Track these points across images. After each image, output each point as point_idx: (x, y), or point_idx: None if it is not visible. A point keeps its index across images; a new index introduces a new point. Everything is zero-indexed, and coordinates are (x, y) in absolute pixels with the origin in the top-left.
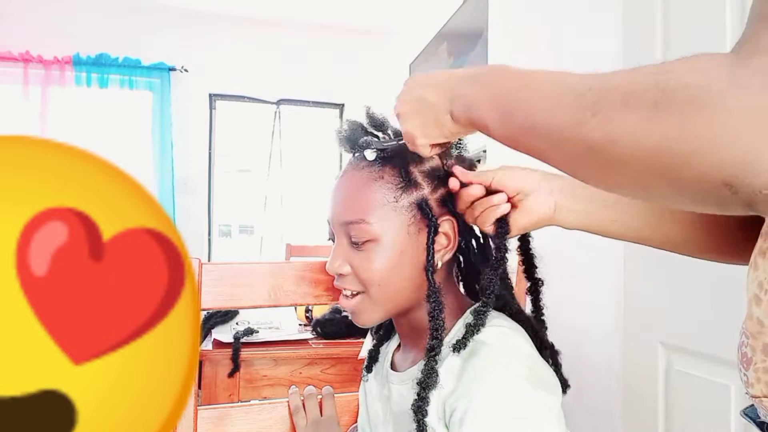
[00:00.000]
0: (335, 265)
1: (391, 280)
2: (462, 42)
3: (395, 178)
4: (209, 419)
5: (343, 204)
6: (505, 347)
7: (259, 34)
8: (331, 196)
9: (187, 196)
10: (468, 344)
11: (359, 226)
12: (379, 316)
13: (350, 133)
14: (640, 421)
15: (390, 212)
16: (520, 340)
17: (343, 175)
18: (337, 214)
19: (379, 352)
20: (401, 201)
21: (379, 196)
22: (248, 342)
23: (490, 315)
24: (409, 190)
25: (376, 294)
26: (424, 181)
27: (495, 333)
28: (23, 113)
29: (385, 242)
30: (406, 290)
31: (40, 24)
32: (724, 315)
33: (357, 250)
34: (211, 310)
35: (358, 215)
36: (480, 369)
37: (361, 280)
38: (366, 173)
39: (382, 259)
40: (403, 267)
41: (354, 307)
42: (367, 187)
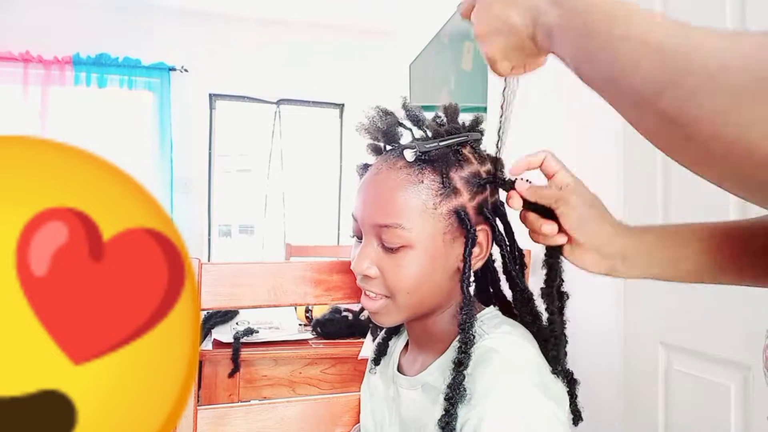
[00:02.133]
0: (363, 266)
1: (420, 288)
2: (462, 42)
3: (435, 184)
4: (209, 419)
5: (377, 205)
6: (518, 357)
7: (259, 34)
8: (361, 192)
9: (187, 196)
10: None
11: (394, 230)
12: (400, 319)
13: (387, 127)
14: (640, 421)
15: (428, 219)
16: (530, 348)
17: (377, 173)
18: (369, 215)
19: (388, 346)
20: (440, 208)
21: (418, 201)
22: (248, 342)
23: (499, 321)
24: (449, 197)
25: (402, 300)
26: (463, 187)
27: (506, 341)
28: (23, 113)
29: (419, 249)
30: (433, 297)
31: (40, 24)
32: (724, 315)
33: (388, 254)
34: (211, 310)
35: (393, 219)
36: (492, 379)
37: (388, 285)
38: (404, 175)
39: (414, 266)
40: (433, 275)
41: (377, 309)
42: (404, 190)
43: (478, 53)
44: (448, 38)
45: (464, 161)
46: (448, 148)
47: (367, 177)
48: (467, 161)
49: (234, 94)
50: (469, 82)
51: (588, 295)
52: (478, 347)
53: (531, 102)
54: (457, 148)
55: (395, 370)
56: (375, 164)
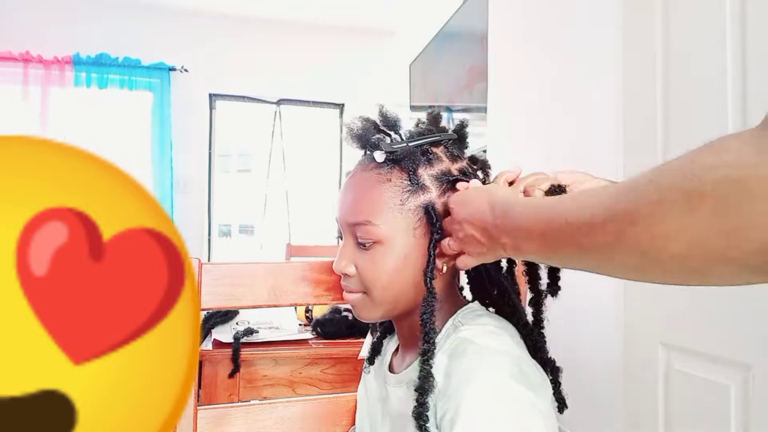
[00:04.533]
0: (341, 265)
1: (394, 283)
2: (462, 42)
3: (403, 181)
4: (209, 419)
5: (351, 205)
6: (493, 346)
7: (259, 34)
8: (340, 195)
9: (187, 196)
10: (452, 342)
11: (365, 227)
12: (379, 314)
13: (362, 131)
14: (640, 421)
15: (396, 215)
16: (507, 339)
17: (353, 176)
18: (344, 215)
19: (381, 345)
20: (407, 204)
21: (386, 198)
22: (248, 342)
23: (477, 313)
24: (417, 193)
25: (377, 295)
26: (432, 184)
27: (482, 332)
28: (23, 113)
29: (390, 244)
30: (409, 293)
31: (40, 24)
32: (724, 315)
33: (363, 251)
34: (211, 310)
35: (364, 217)
36: (469, 369)
37: (363, 280)
38: (374, 174)
39: (387, 262)
40: (407, 270)
41: (354, 302)
42: (374, 188)
43: None
44: (449, 38)
45: (434, 159)
46: (417, 147)
47: (345, 180)
48: (438, 159)
49: (234, 94)
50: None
51: (588, 295)
52: (455, 339)
53: (531, 102)
54: (427, 147)
55: (386, 369)
56: (353, 168)
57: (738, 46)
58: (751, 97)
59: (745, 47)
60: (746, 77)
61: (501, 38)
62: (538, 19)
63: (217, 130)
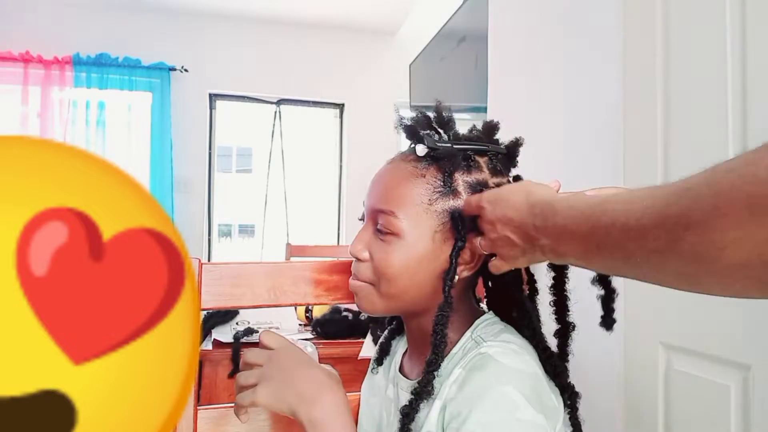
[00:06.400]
0: (356, 248)
1: (401, 279)
2: (461, 42)
3: (437, 181)
4: (209, 419)
5: (379, 191)
6: (513, 366)
7: (259, 33)
8: (373, 178)
9: (187, 196)
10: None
11: (388, 217)
12: (380, 308)
13: (414, 122)
14: (640, 421)
15: (421, 213)
16: (528, 358)
17: (391, 162)
18: (372, 199)
19: (390, 345)
20: (435, 205)
21: (415, 193)
22: (248, 342)
23: (497, 327)
24: (447, 197)
25: (384, 288)
26: (465, 191)
27: (505, 350)
28: (23, 113)
29: (407, 240)
30: (414, 293)
31: (40, 24)
32: (724, 315)
33: (379, 240)
34: (211, 310)
35: (389, 206)
36: (484, 384)
37: (374, 269)
38: (410, 167)
39: (399, 256)
40: (417, 270)
41: (358, 289)
42: (406, 180)
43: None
44: (449, 38)
45: (474, 168)
46: (460, 151)
47: (382, 166)
48: (478, 168)
49: (234, 94)
50: (470, 82)
51: (588, 295)
52: (476, 354)
53: (531, 102)
54: (471, 154)
55: (397, 371)
56: (394, 156)
57: (738, 46)
58: (751, 97)
59: (745, 47)
60: (746, 77)
61: (501, 38)
62: (538, 19)
63: (217, 130)
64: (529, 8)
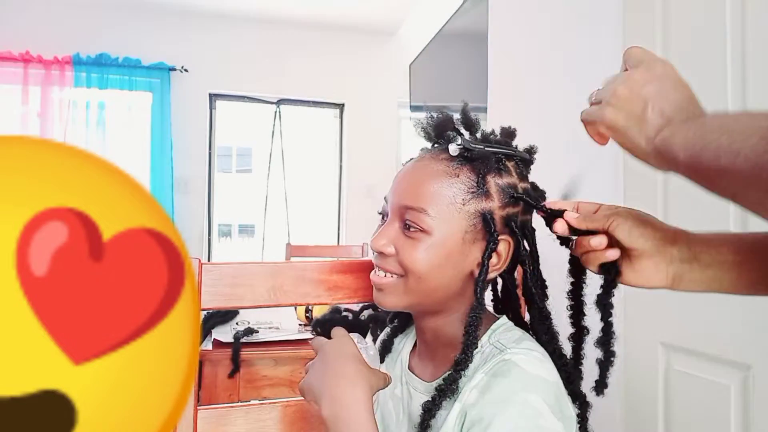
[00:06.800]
0: (380, 243)
1: (429, 276)
2: (461, 42)
3: (470, 181)
4: (209, 419)
5: (409, 188)
6: (538, 374)
7: (259, 33)
8: (398, 176)
9: (187, 196)
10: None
11: (418, 214)
12: (404, 304)
13: (440, 122)
14: (640, 421)
15: (453, 212)
16: (550, 366)
17: (419, 160)
18: (399, 196)
19: (392, 343)
20: (468, 206)
21: (448, 192)
22: (248, 342)
23: (519, 336)
24: (479, 198)
25: (413, 283)
26: (496, 194)
27: (530, 358)
28: (23, 113)
29: (436, 239)
30: (441, 292)
31: (40, 24)
32: (724, 315)
33: (405, 236)
34: (211, 310)
35: (420, 203)
36: (509, 390)
37: (403, 263)
38: (443, 166)
39: (428, 253)
40: (445, 268)
41: (385, 285)
42: (439, 179)
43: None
44: (449, 38)
45: (505, 171)
46: (493, 154)
47: (409, 163)
48: (508, 172)
49: (234, 94)
50: (470, 82)
51: (587, 295)
52: (500, 360)
53: (531, 103)
54: (502, 157)
55: (406, 370)
56: (420, 153)
57: (738, 46)
58: (751, 97)
59: (744, 47)
60: (746, 77)
61: (501, 38)
62: (538, 19)
63: (217, 130)
64: (529, 8)
